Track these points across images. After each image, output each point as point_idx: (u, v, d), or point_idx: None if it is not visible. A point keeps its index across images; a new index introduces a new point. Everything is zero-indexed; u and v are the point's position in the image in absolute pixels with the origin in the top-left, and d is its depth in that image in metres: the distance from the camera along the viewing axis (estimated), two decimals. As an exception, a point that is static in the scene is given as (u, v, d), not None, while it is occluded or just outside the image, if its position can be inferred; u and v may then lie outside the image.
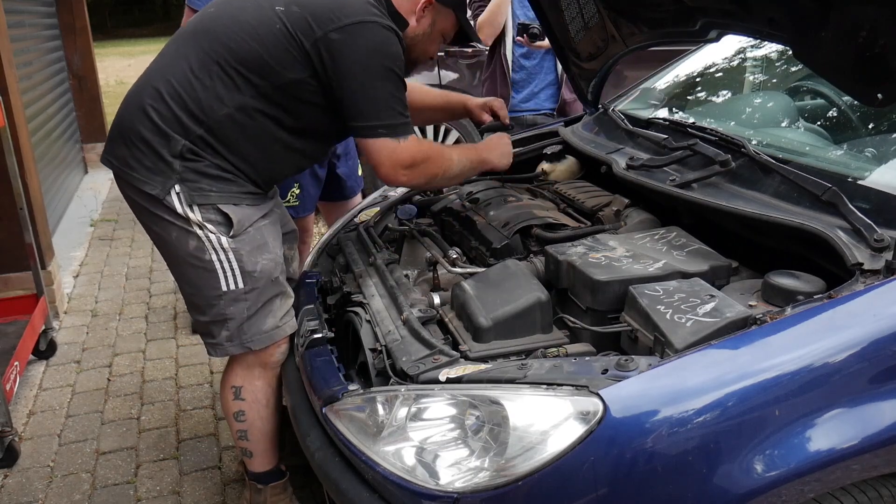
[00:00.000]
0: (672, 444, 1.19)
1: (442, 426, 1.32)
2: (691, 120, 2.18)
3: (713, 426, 1.19)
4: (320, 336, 1.75)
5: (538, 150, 2.48)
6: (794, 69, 2.57)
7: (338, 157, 2.89)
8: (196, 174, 1.75)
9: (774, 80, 2.64)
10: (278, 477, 2.06)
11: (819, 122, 2.26)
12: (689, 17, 2.06)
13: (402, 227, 2.20)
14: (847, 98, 2.20)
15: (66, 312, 3.78)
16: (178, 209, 1.75)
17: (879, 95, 1.57)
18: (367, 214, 2.35)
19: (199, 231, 1.76)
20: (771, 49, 2.60)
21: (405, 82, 1.82)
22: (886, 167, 1.67)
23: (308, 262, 2.24)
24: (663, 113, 2.36)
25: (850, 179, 1.59)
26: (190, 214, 1.75)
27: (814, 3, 1.59)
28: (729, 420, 1.20)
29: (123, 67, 15.52)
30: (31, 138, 4.14)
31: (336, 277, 2.01)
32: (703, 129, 1.96)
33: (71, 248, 4.69)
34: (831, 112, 2.32)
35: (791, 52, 1.92)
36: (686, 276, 1.56)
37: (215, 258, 1.78)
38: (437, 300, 1.71)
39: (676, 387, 1.23)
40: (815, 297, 1.35)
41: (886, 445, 1.25)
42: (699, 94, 2.66)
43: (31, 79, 4.85)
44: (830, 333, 1.26)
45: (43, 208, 3.89)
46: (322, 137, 1.94)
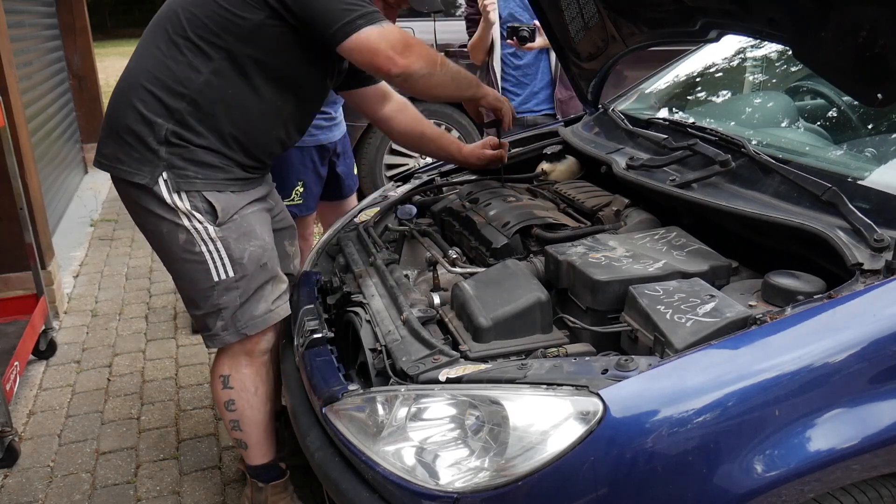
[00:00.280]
0: (672, 444, 1.19)
1: (442, 426, 1.32)
2: (691, 120, 2.18)
3: (713, 426, 1.19)
4: (320, 336, 1.75)
5: (538, 150, 2.48)
6: (794, 69, 2.57)
7: (337, 156, 2.90)
8: (182, 160, 1.79)
9: (774, 80, 2.64)
10: (278, 475, 2.07)
11: (819, 122, 2.26)
12: (689, 17, 2.06)
13: (402, 227, 2.20)
14: (847, 98, 2.20)
15: (66, 312, 3.78)
16: (167, 198, 1.78)
17: (879, 95, 1.57)
18: (367, 214, 2.35)
19: (188, 222, 1.80)
20: (771, 49, 2.60)
21: None
22: (886, 167, 1.67)
23: (308, 262, 2.24)
24: (663, 113, 2.36)
25: (850, 179, 1.59)
26: (178, 203, 1.79)
27: (814, 3, 1.59)
28: (729, 420, 1.20)
29: (123, 67, 15.50)
30: (31, 138, 4.14)
31: (336, 277, 2.01)
32: (703, 129, 1.96)
33: (71, 248, 4.69)
34: (831, 112, 2.32)
35: (791, 52, 1.93)
36: (686, 276, 1.56)
37: (204, 249, 1.81)
38: (437, 300, 1.71)
39: (676, 387, 1.23)
40: (815, 297, 1.35)
41: (886, 445, 1.25)
42: (699, 94, 2.66)
43: (31, 79, 4.85)
44: (830, 333, 1.26)
45: (43, 208, 3.89)
46: (299, 89, 1.92)
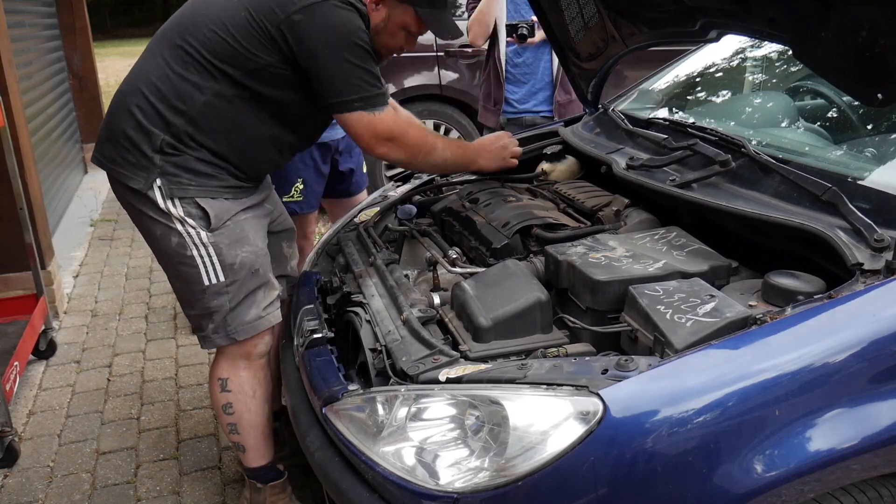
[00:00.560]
0: (672, 444, 1.19)
1: (442, 426, 1.33)
2: (691, 120, 2.17)
3: (713, 426, 1.19)
4: (320, 336, 1.75)
5: (538, 150, 2.48)
6: (794, 69, 2.57)
7: (339, 154, 2.87)
8: (176, 168, 1.80)
9: (774, 80, 2.64)
10: (277, 476, 2.07)
11: (819, 122, 2.26)
12: (689, 17, 2.06)
13: (402, 227, 2.20)
14: (847, 98, 2.20)
15: (66, 312, 3.78)
16: (161, 204, 1.80)
17: (879, 95, 1.57)
18: (367, 214, 2.35)
19: (181, 227, 1.81)
20: (771, 49, 2.60)
21: (373, 55, 1.82)
22: (886, 167, 1.67)
23: (308, 262, 2.24)
24: (663, 113, 2.36)
25: (850, 179, 1.59)
26: (171, 209, 1.80)
27: (814, 3, 1.59)
28: (729, 420, 1.20)
29: (123, 67, 15.47)
30: (31, 138, 4.14)
31: (336, 277, 2.01)
32: (703, 129, 1.96)
33: (71, 248, 4.69)
34: (831, 112, 2.32)
35: (791, 52, 1.93)
36: (686, 276, 1.56)
37: (196, 253, 1.82)
38: (437, 300, 1.71)
39: (676, 387, 1.23)
40: (815, 297, 1.35)
41: (886, 445, 1.25)
42: (699, 94, 2.66)
43: (31, 79, 4.85)
44: (830, 333, 1.26)
45: (43, 208, 3.89)
46: (300, 124, 1.95)
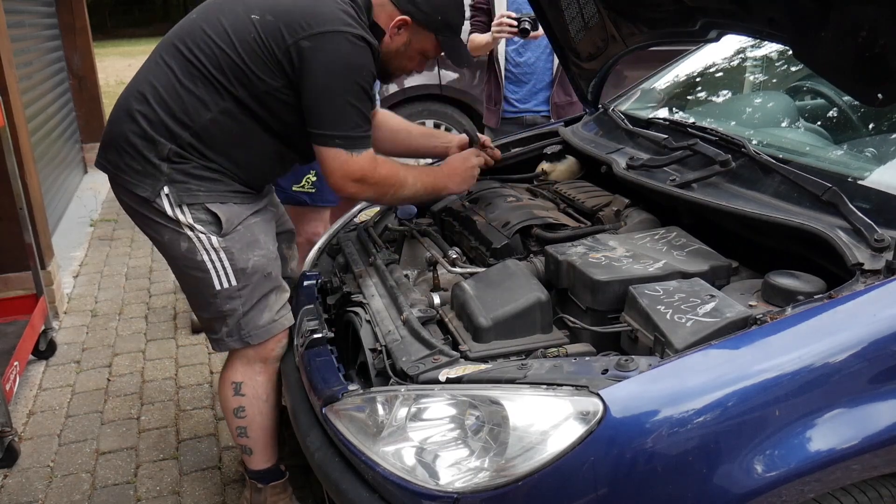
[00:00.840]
0: (672, 445, 1.19)
1: (442, 426, 1.32)
2: (691, 120, 2.18)
3: (713, 426, 1.19)
4: (320, 336, 1.75)
5: (538, 150, 2.48)
6: (794, 69, 2.57)
7: None
8: (184, 175, 1.78)
9: (774, 80, 2.64)
10: (278, 476, 2.07)
11: (819, 122, 2.26)
12: (689, 17, 2.06)
13: (402, 227, 2.20)
14: (847, 98, 2.20)
15: (65, 312, 3.78)
16: (169, 211, 1.78)
17: (879, 95, 1.57)
18: (367, 214, 2.35)
19: (190, 232, 1.79)
20: (771, 49, 2.60)
21: (371, 97, 1.81)
22: (886, 167, 1.67)
23: (308, 262, 2.24)
24: (663, 113, 2.36)
25: (850, 179, 1.59)
26: (180, 216, 1.78)
27: (814, 3, 1.59)
28: (729, 420, 1.20)
29: (123, 67, 15.51)
30: (31, 138, 4.14)
31: (336, 277, 2.01)
32: (703, 129, 1.96)
33: (71, 248, 4.69)
34: (831, 112, 2.32)
35: (791, 52, 1.92)
36: (686, 276, 1.56)
37: (206, 258, 1.80)
38: (437, 300, 1.71)
39: (676, 387, 1.22)
40: (815, 297, 1.35)
41: (886, 445, 1.25)
42: (699, 94, 2.65)
43: (31, 79, 4.85)
44: (830, 333, 1.26)
45: (43, 208, 3.89)
46: (304, 143, 1.91)
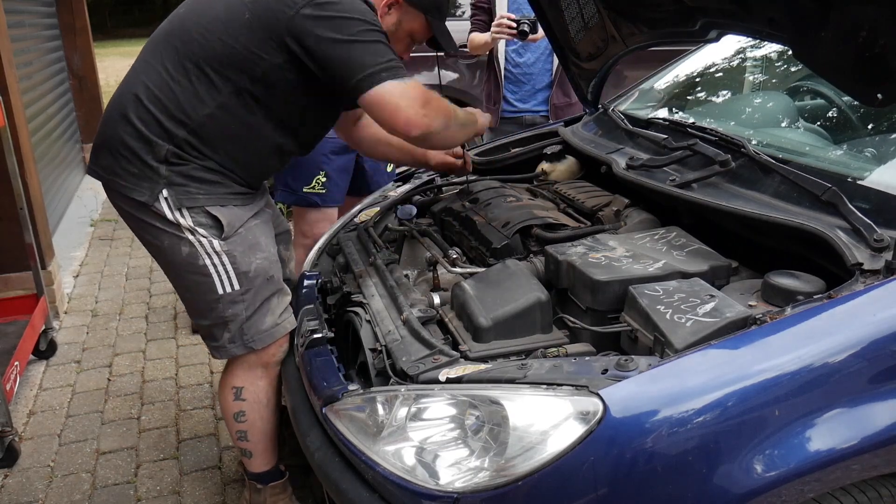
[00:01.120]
0: (672, 444, 1.19)
1: (442, 426, 1.32)
2: (691, 120, 2.18)
3: (713, 426, 1.19)
4: (320, 336, 1.75)
5: (538, 150, 2.48)
6: (794, 69, 2.57)
7: None
8: (183, 177, 1.74)
9: (774, 80, 2.64)
10: (278, 476, 2.07)
11: (819, 122, 2.26)
12: (689, 17, 2.06)
13: (402, 227, 2.20)
14: (847, 98, 2.20)
15: (66, 312, 3.78)
16: (168, 215, 1.74)
17: (879, 95, 1.57)
18: (367, 214, 2.35)
19: (191, 237, 1.76)
20: (771, 49, 2.60)
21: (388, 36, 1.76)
22: (886, 167, 1.67)
23: (308, 262, 2.24)
24: (663, 113, 2.36)
25: (850, 179, 1.59)
26: (180, 220, 1.74)
27: (814, 3, 1.59)
28: (729, 420, 1.20)
29: (123, 67, 15.40)
30: (31, 138, 4.14)
31: (336, 277, 2.01)
32: (702, 129, 1.96)
33: (71, 248, 4.69)
34: (831, 112, 2.32)
35: (791, 52, 1.92)
36: (686, 276, 1.56)
37: (209, 262, 1.77)
38: (437, 300, 1.71)
39: (676, 387, 1.22)
40: (815, 297, 1.35)
41: (886, 445, 1.25)
42: (699, 94, 2.66)
43: (31, 79, 4.85)
44: (830, 333, 1.26)
45: (43, 208, 3.89)
46: (301, 130, 1.91)
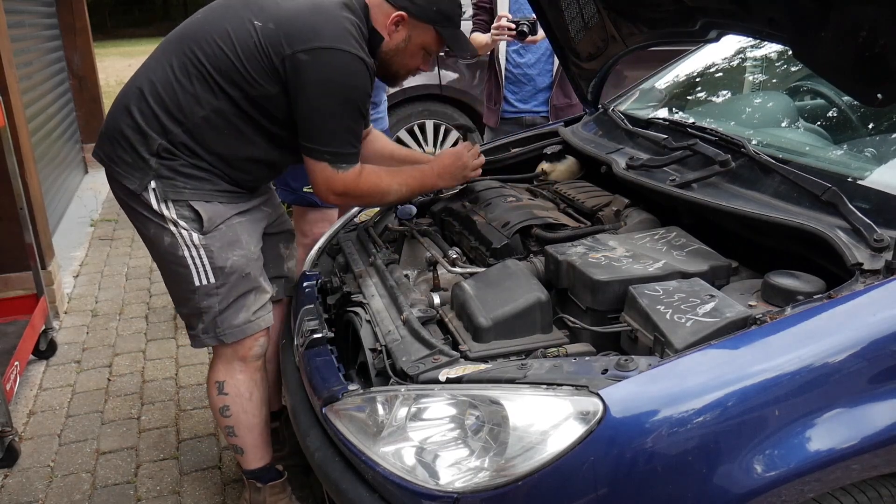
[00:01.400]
0: (672, 444, 1.19)
1: (442, 426, 1.33)
2: (691, 120, 2.18)
3: (713, 426, 1.19)
4: (320, 336, 1.75)
5: (538, 150, 2.48)
6: (794, 69, 2.57)
7: None
8: (171, 172, 1.80)
9: (774, 80, 2.64)
10: (276, 476, 2.07)
11: (819, 122, 2.26)
12: (689, 17, 2.06)
13: (402, 227, 2.20)
14: (847, 98, 2.20)
15: (66, 312, 3.78)
16: (154, 205, 1.81)
17: (879, 95, 1.57)
18: (367, 214, 2.35)
19: (173, 228, 1.82)
20: (771, 49, 2.60)
21: (365, 116, 1.85)
22: (886, 167, 1.67)
23: (308, 262, 2.24)
24: (663, 113, 2.36)
25: (850, 179, 1.59)
26: (165, 211, 1.81)
27: (814, 3, 1.59)
28: (729, 420, 1.20)
29: (123, 67, 15.51)
30: (31, 138, 4.14)
31: (336, 277, 2.01)
32: (703, 129, 1.96)
33: (71, 248, 4.70)
34: (831, 112, 2.32)
35: (791, 52, 1.93)
36: (686, 276, 1.56)
37: (187, 254, 1.83)
38: (437, 300, 1.71)
39: (676, 387, 1.23)
40: (815, 297, 1.35)
41: (886, 445, 1.25)
42: (699, 94, 2.66)
43: (31, 79, 4.85)
44: (830, 333, 1.26)
45: (43, 208, 3.89)
46: (295, 149, 1.92)
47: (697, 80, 2.67)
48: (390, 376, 1.49)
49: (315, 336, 1.75)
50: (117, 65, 16.13)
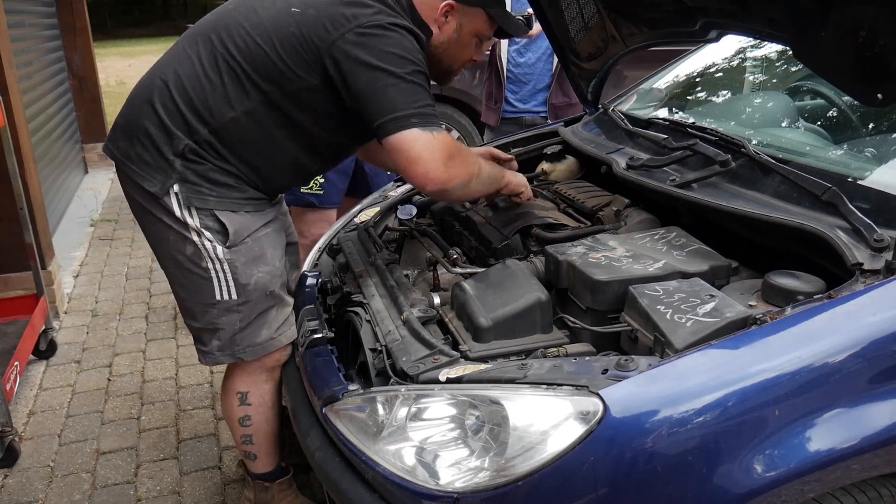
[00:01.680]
0: (672, 444, 1.19)
1: (442, 426, 1.32)
2: (691, 120, 2.18)
3: (713, 426, 1.19)
4: (320, 336, 1.75)
5: (538, 150, 2.48)
6: (794, 69, 2.58)
7: None
8: (197, 176, 1.71)
9: (774, 80, 2.64)
10: (283, 474, 2.07)
11: (819, 122, 2.26)
12: (689, 17, 2.06)
13: (402, 227, 2.20)
14: (847, 98, 2.20)
15: (66, 312, 3.78)
16: (176, 211, 1.71)
17: (879, 95, 1.57)
18: (367, 214, 2.35)
19: (196, 238, 1.73)
20: (771, 49, 2.60)
21: (429, 80, 1.68)
22: (886, 167, 1.67)
23: (308, 262, 2.24)
24: (663, 113, 2.36)
25: (850, 179, 1.59)
26: (188, 219, 1.71)
27: (814, 3, 1.59)
28: (729, 420, 1.20)
29: (123, 67, 15.53)
30: (31, 138, 4.14)
31: (336, 277, 2.01)
32: (703, 129, 1.96)
33: (71, 248, 4.70)
34: (831, 112, 2.32)
35: (791, 52, 1.93)
36: (686, 276, 1.56)
37: (211, 266, 1.74)
38: (437, 300, 1.71)
39: (676, 387, 1.23)
40: (815, 297, 1.35)
41: (886, 445, 1.25)
42: (699, 94, 2.66)
43: (31, 79, 4.85)
44: (830, 333, 1.26)
45: (43, 208, 3.89)
46: (327, 151, 1.87)
47: (697, 80, 2.67)
48: (390, 376, 1.49)
49: (315, 336, 1.75)
50: (117, 65, 16.13)
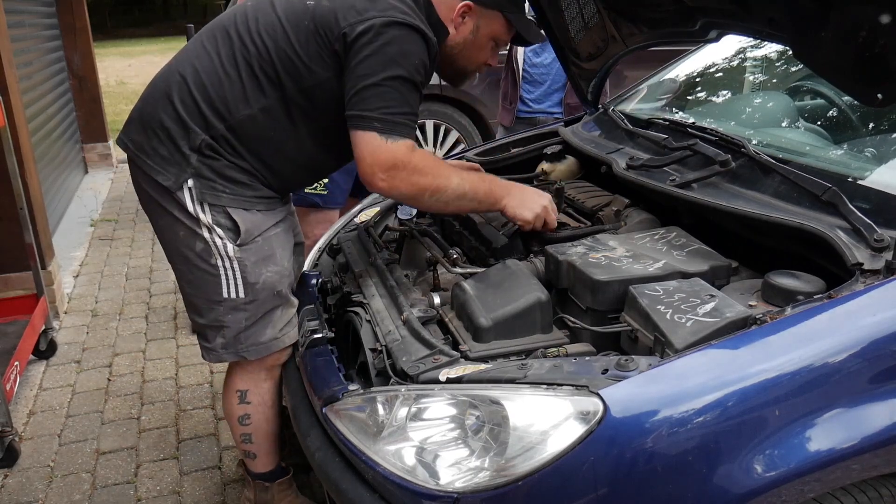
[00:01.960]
0: (672, 444, 1.19)
1: (442, 426, 1.32)
2: (691, 120, 2.18)
3: (713, 426, 1.19)
4: (320, 336, 1.75)
5: (538, 150, 2.48)
6: (794, 69, 2.58)
7: None
8: (212, 172, 1.71)
9: (774, 80, 2.64)
10: (283, 474, 2.07)
11: (819, 122, 2.26)
12: (689, 17, 2.06)
13: (402, 227, 2.20)
14: (847, 98, 2.20)
15: (66, 312, 3.78)
16: (189, 207, 1.71)
17: (879, 95, 1.57)
18: (367, 214, 2.35)
19: (207, 234, 1.73)
20: (771, 49, 2.60)
21: (420, 90, 1.69)
22: (886, 167, 1.67)
23: (308, 262, 2.24)
24: (663, 113, 2.36)
25: (850, 179, 1.59)
26: (200, 215, 1.71)
27: (814, 3, 1.59)
28: (729, 420, 1.20)
29: (123, 67, 15.53)
30: (31, 138, 4.14)
31: (336, 277, 2.01)
32: (703, 129, 1.96)
33: (71, 248, 4.70)
34: (831, 112, 2.32)
35: (791, 52, 1.93)
36: (686, 276, 1.56)
37: (220, 263, 1.75)
38: (437, 300, 1.71)
39: (676, 387, 1.22)
40: (815, 297, 1.35)
41: (886, 445, 1.25)
42: (699, 94, 2.66)
43: (31, 79, 4.85)
44: (830, 333, 1.26)
45: (43, 208, 3.89)
46: (339, 148, 1.85)
47: (697, 80, 2.67)
48: (390, 376, 1.49)
49: (315, 336, 1.75)
50: (117, 65, 16.13)
